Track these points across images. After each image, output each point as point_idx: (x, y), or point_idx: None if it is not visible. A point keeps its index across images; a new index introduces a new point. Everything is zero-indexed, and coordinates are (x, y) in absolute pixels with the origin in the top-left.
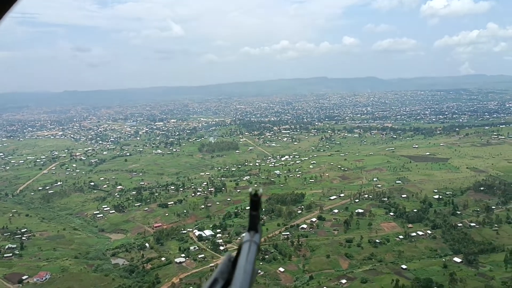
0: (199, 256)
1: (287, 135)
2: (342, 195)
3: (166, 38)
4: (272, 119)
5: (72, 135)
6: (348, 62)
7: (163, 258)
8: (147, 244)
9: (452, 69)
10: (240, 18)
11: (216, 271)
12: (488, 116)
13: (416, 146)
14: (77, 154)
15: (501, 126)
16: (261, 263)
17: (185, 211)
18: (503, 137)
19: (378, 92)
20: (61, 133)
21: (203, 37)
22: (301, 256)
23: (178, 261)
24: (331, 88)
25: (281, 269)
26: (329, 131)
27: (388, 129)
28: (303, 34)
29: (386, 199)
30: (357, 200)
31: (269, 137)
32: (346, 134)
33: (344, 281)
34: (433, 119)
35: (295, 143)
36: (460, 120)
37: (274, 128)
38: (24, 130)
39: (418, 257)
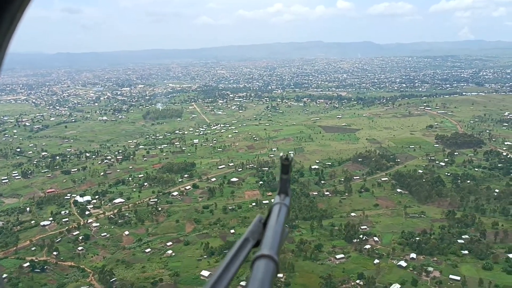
0: (63, 220)
1: (238, 103)
2: (231, 164)
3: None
4: (241, 85)
5: (34, 100)
6: (344, 26)
7: (32, 221)
8: (28, 209)
9: (452, 34)
10: None
11: (247, 231)
12: (449, 86)
13: (340, 116)
14: (24, 119)
15: (448, 96)
16: (112, 227)
17: (83, 178)
18: (429, 108)
19: (365, 58)
20: (24, 97)
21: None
22: (154, 221)
23: (43, 224)
24: (325, 53)
25: (127, 232)
26: (278, 100)
27: (334, 98)
28: None
29: (266, 168)
30: (240, 169)
31: (220, 105)
32: (292, 103)
33: (170, 243)
34: (395, 88)
35: (240, 111)
36: (420, 89)
37: (230, 95)
38: None
39: None
